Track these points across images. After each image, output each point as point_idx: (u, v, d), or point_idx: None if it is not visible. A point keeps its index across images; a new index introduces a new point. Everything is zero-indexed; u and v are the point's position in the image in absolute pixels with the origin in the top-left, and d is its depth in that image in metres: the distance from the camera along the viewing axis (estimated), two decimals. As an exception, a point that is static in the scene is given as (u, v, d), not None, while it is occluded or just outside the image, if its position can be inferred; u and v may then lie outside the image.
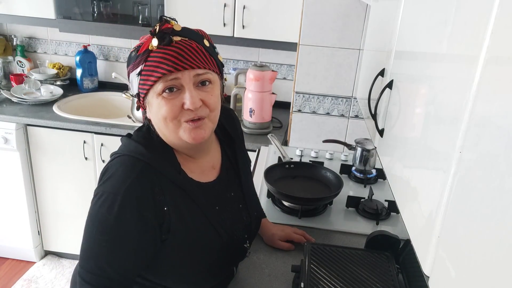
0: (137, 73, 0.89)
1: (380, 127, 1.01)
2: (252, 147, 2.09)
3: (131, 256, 0.90)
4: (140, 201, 0.87)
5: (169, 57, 0.86)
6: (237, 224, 1.07)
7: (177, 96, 0.89)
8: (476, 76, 0.51)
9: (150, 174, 0.90)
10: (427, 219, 0.64)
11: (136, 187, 0.88)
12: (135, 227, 0.88)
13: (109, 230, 0.87)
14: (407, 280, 1.14)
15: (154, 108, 0.91)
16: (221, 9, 2.17)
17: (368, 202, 1.57)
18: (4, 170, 2.36)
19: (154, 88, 0.88)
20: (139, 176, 0.88)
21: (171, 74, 0.87)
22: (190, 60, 0.88)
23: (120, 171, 0.89)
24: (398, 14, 0.98)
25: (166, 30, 0.87)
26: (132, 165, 0.90)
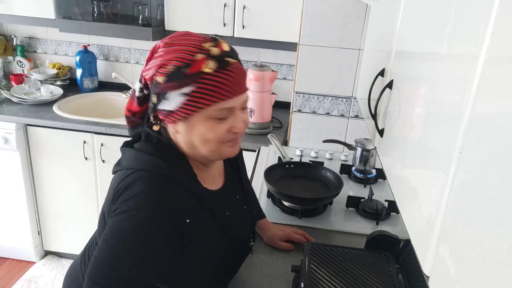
0: (184, 93, 0.84)
1: (380, 127, 1.01)
2: (252, 147, 2.09)
3: (150, 272, 0.88)
4: (165, 218, 0.86)
5: (227, 82, 0.84)
6: (244, 225, 1.09)
7: (226, 121, 0.89)
8: (476, 76, 0.51)
9: (171, 188, 0.88)
10: (427, 219, 0.64)
11: (161, 204, 0.86)
12: (159, 244, 0.87)
13: (132, 247, 0.85)
14: (407, 280, 1.14)
15: (199, 130, 0.88)
16: (221, 9, 2.17)
17: (368, 202, 1.57)
18: (4, 170, 2.36)
19: (206, 111, 0.86)
20: (163, 192, 0.87)
21: (228, 100, 0.85)
22: (243, 84, 0.88)
23: (143, 188, 0.86)
24: (398, 14, 0.98)
25: (223, 52, 0.86)
26: (154, 181, 0.87)
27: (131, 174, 0.89)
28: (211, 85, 0.83)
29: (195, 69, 0.83)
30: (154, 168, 0.89)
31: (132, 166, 0.90)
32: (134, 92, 0.95)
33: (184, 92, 0.84)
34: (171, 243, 0.88)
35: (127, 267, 0.86)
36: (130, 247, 0.86)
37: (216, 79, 0.83)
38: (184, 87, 0.83)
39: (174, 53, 0.84)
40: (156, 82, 0.86)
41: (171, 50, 0.85)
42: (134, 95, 0.95)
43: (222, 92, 0.84)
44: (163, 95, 0.86)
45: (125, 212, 0.85)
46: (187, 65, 0.83)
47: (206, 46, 0.84)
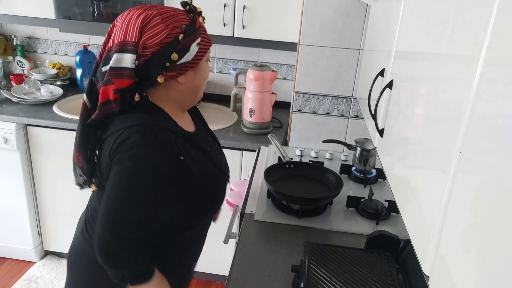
0: (197, 43, 1.05)
1: (380, 127, 1.01)
2: (252, 147, 2.09)
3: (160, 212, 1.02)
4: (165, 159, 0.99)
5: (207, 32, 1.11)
6: (221, 158, 1.29)
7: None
8: (476, 76, 0.51)
9: (163, 133, 1.02)
10: (427, 219, 0.64)
11: (159, 148, 0.99)
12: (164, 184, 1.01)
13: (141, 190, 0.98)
14: (407, 280, 1.14)
15: (202, 72, 1.12)
16: (221, 9, 2.17)
17: (368, 202, 1.57)
18: (4, 170, 2.36)
19: (206, 56, 1.10)
20: (158, 138, 1.00)
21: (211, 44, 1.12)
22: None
23: (141, 138, 0.98)
24: (398, 14, 0.98)
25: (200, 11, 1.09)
26: (148, 131, 1.00)
27: (124, 132, 0.99)
28: (205, 34, 1.08)
29: (198, 23, 1.06)
30: (143, 121, 1.01)
31: (120, 127, 1.01)
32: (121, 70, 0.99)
33: (197, 42, 1.05)
34: (173, 181, 1.02)
35: (139, 209, 0.98)
36: (139, 190, 0.97)
37: (204, 30, 1.09)
38: (197, 38, 1.05)
39: (176, 17, 1.02)
40: (175, 40, 1.01)
41: (170, 15, 1.02)
42: (124, 72, 0.99)
43: (209, 38, 1.11)
44: (186, 49, 1.03)
45: (129, 161, 0.97)
46: (193, 21, 1.04)
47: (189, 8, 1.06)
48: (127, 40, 0.98)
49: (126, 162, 0.97)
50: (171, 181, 1.02)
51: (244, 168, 2.15)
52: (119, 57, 0.98)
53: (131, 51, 0.98)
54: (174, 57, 1.02)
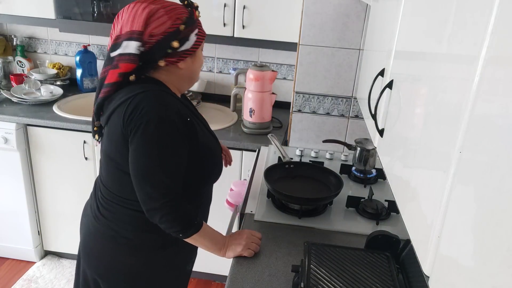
0: (195, 33, 1.17)
1: (380, 127, 1.01)
2: (252, 147, 2.09)
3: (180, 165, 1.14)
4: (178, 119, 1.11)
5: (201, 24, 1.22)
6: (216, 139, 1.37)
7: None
8: (476, 76, 0.51)
9: (170, 98, 1.16)
10: (427, 219, 0.64)
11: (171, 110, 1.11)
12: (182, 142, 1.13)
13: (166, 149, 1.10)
14: (407, 280, 1.14)
15: (199, 59, 1.24)
16: (221, 9, 2.17)
17: (368, 202, 1.57)
18: (4, 170, 2.36)
19: (202, 45, 1.22)
20: (167, 101, 1.13)
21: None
22: None
23: (152, 102, 1.10)
24: (398, 14, 0.98)
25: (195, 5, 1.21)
26: (158, 95, 1.13)
27: (133, 99, 1.10)
28: (200, 25, 1.21)
29: (195, 16, 1.19)
30: (149, 88, 1.14)
31: (129, 95, 1.12)
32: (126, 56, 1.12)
33: (195, 32, 1.18)
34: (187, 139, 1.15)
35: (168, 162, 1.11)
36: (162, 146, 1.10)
37: (199, 21, 1.21)
38: (196, 29, 1.17)
39: (178, 10, 1.14)
40: (177, 30, 1.13)
41: (172, 8, 1.14)
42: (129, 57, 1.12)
43: (203, 30, 1.22)
44: (186, 38, 1.15)
45: (147, 124, 1.07)
46: (191, 14, 1.17)
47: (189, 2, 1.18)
48: (134, 30, 1.11)
49: (145, 128, 1.08)
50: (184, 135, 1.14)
51: (244, 168, 2.15)
52: (127, 44, 1.12)
53: (137, 39, 1.11)
54: (175, 45, 1.14)
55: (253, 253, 1.29)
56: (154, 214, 1.12)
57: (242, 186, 1.72)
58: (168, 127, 1.10)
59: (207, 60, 2.64)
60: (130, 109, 1.10)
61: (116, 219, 1.23)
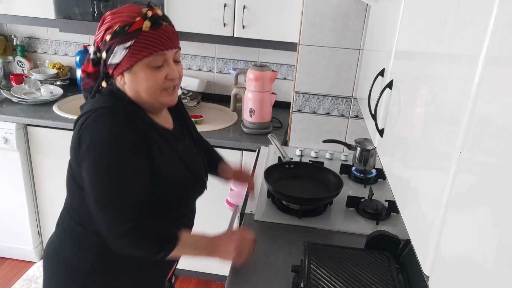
0: (126, 47, 1.03)
1: (380, 127, 1.01)
2: (252, 147, 2.09)
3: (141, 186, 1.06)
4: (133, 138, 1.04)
5: (160, 38, 1.05)
6: (197, 162, 1.28)
7: (162, 70, 1.08)
8: (476, 76, 0.51)
9: (130, 117, 1.06)
10: (427, 219, 0.64)
11: (125, 128, 1.04)
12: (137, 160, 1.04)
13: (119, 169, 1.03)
14: (407, 280, 1.14)
15: (141, 78, 1.07)
16: (221, 9, 2.17)
17: (368, 202, 1.57)
18: (4, 170, 2.36)
19: (145, 61, 1.05)
20: (124, 119, 1.05)
21: (160, 52, 1.05)
22: (173, 41, 1.08)
23: (107, 121, 1.04)
24: (398, 14, 0.98)
25: (156, 15, 1.05)
26: (113, 113, 1.06)
27: (92, 115, 1.05)
28: (147, 40, 1.04)
29: (135, 27, 1.03)
30: (110, 104, 1.07)
31: (89, 109, 1.07)
32: (89, 55, 1.13)
33: (127, 46, 1.03)
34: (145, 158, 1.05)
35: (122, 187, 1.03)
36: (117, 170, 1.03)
37: (151, 35, 1.04)
38: (127, 42, 1.03)
39: (119, 18, 1.04)
40: (105, 40, 1.05)
41: (116, 16, 1.05)
42: (89, 58, 1.13)
43: (155, 45, 1.04)
44: (111, 50, 1.05)
45: (97, 145, 1.02)
46: (129, 24, 1.03)
47: (144, 11, 1.04)
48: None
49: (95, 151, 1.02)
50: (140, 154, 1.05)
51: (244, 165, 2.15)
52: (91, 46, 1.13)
53: (93, 43, 1.11)
54: (103, 56, 1.08)
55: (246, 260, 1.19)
56: (120, 242, 1.05)
57: (242, 186, 1.72)
58: (119, 148, 1.02)
59: (207, 60, 2.64)
60: (86, 124, 1.04)
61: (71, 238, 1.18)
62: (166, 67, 1.09)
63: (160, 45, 1.05)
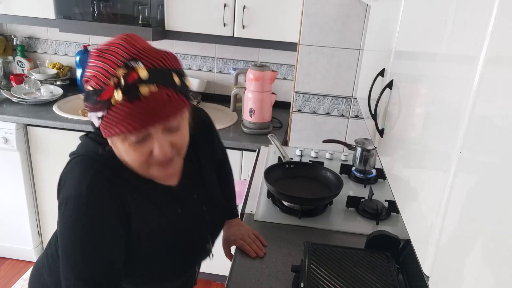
0: (98, 117, 0.82)
1: (380, 127, 1.01)
2: (252, 147, 2.09)
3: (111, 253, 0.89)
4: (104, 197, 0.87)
5: (136, 114, 0.79)
6: (200, 225, 1.07)
7: (145, 144, 0.85)
8: (476, 76, 0.51)
9: (107, 172, 0.89)
10: (427, 219, 0.64)
11: (97, 184, 0.87)
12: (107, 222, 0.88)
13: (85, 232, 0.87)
14: (407, 280, 1.14)
15: (120, 150, 0.87)
16: (221, 9, 2.17)
17: (368, 202, 1.57)
18: (4, 170, 2.36)
19: (120, 136, 0.83)
20: (97, 174, 0.88)
21: (136, 132, 0.82)
22: (159, 115, 0.81)
23: (78, 172, 0.89)
24: (398, 14, 0.98)
25: (132, 83, 0.78)
26: (89, 165, 0.89)
27: (72, 160, 0.92)
28: (119, 115, 0.79)
29: (105, 96, 0.79)
30: (91, 153, 0.91)
31: (73, 153, 0.94)
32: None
33: (99, 116, 0.82)
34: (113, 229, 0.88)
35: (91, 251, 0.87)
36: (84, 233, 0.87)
37: (123, 110, 0.79)
38: (98, 111, 0.81)
39: (95, 70, 0.81)
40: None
41: (95, 65, 0.82)
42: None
43: (130, 123, 0.79)
44: (87, 110, 0.85)
45: (67, 202, 0.87)
46: (99, 91, 0.80)
47: (119, 73, 0.78)
48: None
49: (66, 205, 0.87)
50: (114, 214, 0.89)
51: (244, 168, 2.15)
52: None
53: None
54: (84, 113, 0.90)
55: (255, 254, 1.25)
56: None
57: (242, 186, 1.72)
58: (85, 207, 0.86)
59: (207, 60, 2.64)
60: (63, 173, 0.93)
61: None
62: (151, 140, 0.85)
63: (136, 122, 0.79)
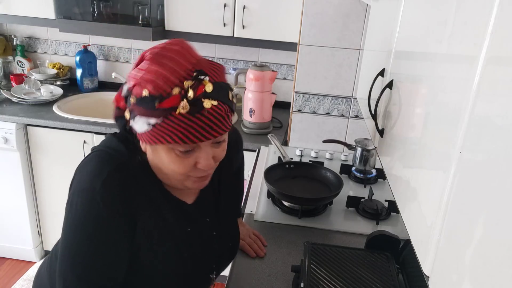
0: (149, 123, 0.79)
1: (380, 127, 1.01)
2: (252, 147, 2.09)
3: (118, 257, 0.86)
4: (116, 198, 0.83)
5: (195, 127, 0.78)
6: (207, 252, 1.01)
7: (191, 155, 0.84)
8: (476, 76, 0.51)
9: (124, 172, 0.84)
10: (427, 219, 0.64)
11: (112, 182, 0.82)
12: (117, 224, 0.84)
13: (94, 231, 0.83)
14: (407, 280, 1.14)
15: (162, 158, 0.84)
16: (221, 9, 2.17)
17: (368, 202, 1.57)
18: (4, 170, 2.36)
19: (167, 145, 0.81)
20: (113, 171, 0.83)
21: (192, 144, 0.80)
22: (216, 130, 0.80)
23: (94, 166, 0.84)
24: (398, 14, 0.98)
25: (199, 97, 0.77)
26: (106, 160, 0.85)
27: (91, 154, 0.88)
28: (178, 125, 0.77)
29: (166, 105, 0.76)
30: (113, 150, 0.86)
31: (95, 147, 0.90)
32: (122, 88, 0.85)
33: (151, 122, 0.78)
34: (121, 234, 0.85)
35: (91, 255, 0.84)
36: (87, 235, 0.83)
37: (184, 122, 0.77)
38: (151, 118, 0.78)
39: (155, 76, 0.77)
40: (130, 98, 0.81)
41: (153, 70, 0.78)
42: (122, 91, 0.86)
43: (187, 136, 0.78)
44: (133, 114, 0.81)
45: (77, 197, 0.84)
46: (160, 98, 0.76)
47: (186, 85, 0.77)
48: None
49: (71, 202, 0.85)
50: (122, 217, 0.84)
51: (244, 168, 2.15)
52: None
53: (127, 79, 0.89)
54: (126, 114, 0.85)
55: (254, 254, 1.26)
56: None
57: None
58: (96, 205, 0.81)
59: (207, 60, 2.64)
60: (78, 166, 0.88)
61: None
62: (198, 152, 0.84)
63: (192, 136, 0.78)
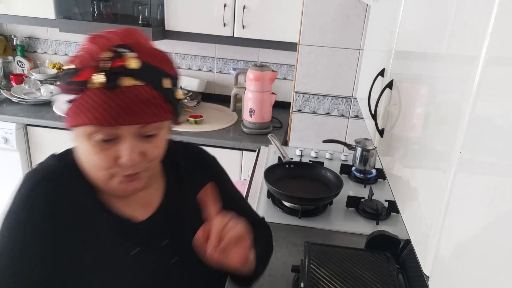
0: (67, 100, 0.71)
1: (380, 127, 1.01)
2: (252, 147, 2.09)
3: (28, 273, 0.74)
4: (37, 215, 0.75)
5: (108, 107, 0.67)
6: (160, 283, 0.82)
7: (112, 146, 0.72)
8: (476, 76, 0.51)
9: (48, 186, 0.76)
10: (427, 219, 0.64)
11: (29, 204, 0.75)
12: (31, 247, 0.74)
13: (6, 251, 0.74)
14: (407, 280, 1.14)
15: (84, 150, 0.74)
16: (221, 9, 2.17)
17: (368, 202, 1.57)
18: (4, 170, 2.36)
19: (84, 128, 0.70)
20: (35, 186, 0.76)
21: (107, 128, 0.69)
22: (136, 115, 0.69)
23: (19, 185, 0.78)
24: (398, 14, 0.98)
25: (117, 69, 0.68)
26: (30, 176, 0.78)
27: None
28: (91, 103, 0.67)
29: (81, 77, 0.68)
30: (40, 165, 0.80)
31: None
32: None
33: (68, 99, 0.70)
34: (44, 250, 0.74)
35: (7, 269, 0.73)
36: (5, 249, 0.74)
37: (97, 98, 0.67)
38: (68, 93, 0.70)
39: (82, 52, 0.72)
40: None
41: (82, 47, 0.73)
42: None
43: (102, 113, 0.67)
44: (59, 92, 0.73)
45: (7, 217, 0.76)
46: (77, 70, 0.69)
47: (105, 57, 0.69)
48: None
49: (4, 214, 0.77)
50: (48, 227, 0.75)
51: (244, 168, 2.15)
52: None
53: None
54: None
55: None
56: None
57: (242, 186, 1.72)
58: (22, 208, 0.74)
59: (207, 60, 2.64)
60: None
61: None
62: (121, 143, 0.72)
63: (109, 114, 0.67)
